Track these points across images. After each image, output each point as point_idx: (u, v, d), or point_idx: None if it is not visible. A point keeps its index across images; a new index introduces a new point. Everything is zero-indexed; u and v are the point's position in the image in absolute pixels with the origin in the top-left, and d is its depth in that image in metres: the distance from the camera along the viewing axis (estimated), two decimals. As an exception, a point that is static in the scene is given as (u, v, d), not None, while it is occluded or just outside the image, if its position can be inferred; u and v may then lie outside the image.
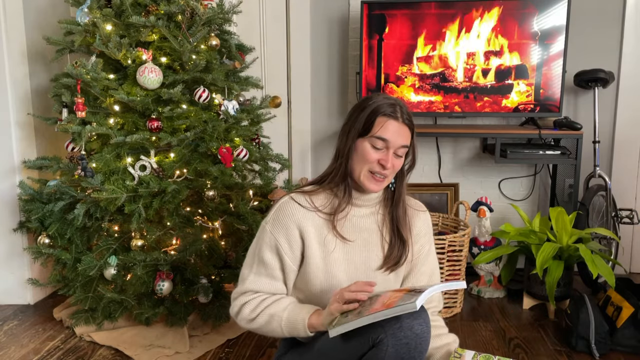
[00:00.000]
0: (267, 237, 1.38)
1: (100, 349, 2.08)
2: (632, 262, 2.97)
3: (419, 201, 1.53)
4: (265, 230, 1.39)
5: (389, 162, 1.32)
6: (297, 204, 1.37)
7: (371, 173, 1.34)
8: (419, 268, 1.47)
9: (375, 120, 1.32)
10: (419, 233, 1.48)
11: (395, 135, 1.32)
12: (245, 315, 1.36)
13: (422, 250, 1.47)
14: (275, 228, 1.37)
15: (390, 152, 1.33)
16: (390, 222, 1.43)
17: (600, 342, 2.02)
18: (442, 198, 2.98)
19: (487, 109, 2.78)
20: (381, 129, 1.31)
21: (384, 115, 1.32)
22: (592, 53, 2.85)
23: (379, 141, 1.31)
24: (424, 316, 1.20)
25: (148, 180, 2.02)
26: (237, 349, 2.09)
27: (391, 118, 1.32)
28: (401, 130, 1.33)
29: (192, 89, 2.15)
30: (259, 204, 2.35)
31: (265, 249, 1.38)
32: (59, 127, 2.13)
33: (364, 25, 2.75)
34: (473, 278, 2.73)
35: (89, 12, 2.09)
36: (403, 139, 1.33)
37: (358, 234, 1.40)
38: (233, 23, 2.32)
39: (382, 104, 1.33)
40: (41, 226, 2.18)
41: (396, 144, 1.32)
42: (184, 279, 2.15)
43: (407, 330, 1.16)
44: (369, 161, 1.32)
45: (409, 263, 1.45)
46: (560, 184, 2.88)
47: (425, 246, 1.49)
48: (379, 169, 1.33)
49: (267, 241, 1.38)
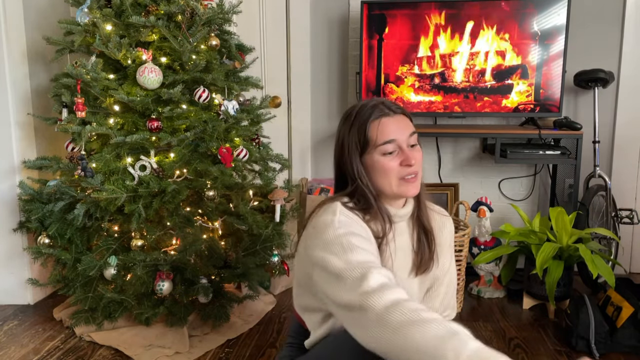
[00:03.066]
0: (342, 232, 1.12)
1: (100, 349, 2.08)
2: (632, 262, 2.97)
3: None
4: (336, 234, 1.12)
5: (411, 158, 1.20)
6: (352, 215, 1.21)
7: (401, 179, 1.22)
8: (441, 281, 1.42)
9: (368, 128, 1.21)
10: (445, 246, 1.41)
11: (398, 130, 1.22)
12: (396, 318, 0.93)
13: (446, 263, 1.43)
14: (349, 229, 1.15)
15: (404, 148, 1.22)
16: (418, 227, 1.35)
17: (600, 342, 2.02)
18: (442, 198, 2.98)
19: (487, 109, 2.78)
20: (379, 134, 1.21)
21: (373, 119, 1.21)
22: (592, 53, 2.85)
23: (388, 145, 1.21)
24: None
25: (148, 180, 2.02)
26: (237, 349, 2.09)
27: (382, 116, 1.22)
28: (399, 121, 1.23)
29: (192, 89, 2.15)
30: (259, 204, 2.35)
31: (352, 239, 1.11)
32: (59, 127, 2.13)
33: (364, 25, 2.75)
34: (473, 278, 2.73)
35: (89, 12, 2.09)
36: (406, 128, 1.23)
37: (397, 254, 1.31)
38: (233, 23, 2.32)
39: (365, 111, 1.23)
40: (41, 226, 2.18)
41: (404, 137, 1.22)
42: (184, 279, 2.15)
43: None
44: (392, 170, 1.21)
45: (434, 275, 1.39)
46: (560, 184, 2.88)
47: (448, 258, 1.43)
48: (407, 170, 1.22)
49: (346, 234, 1.12)
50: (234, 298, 2.26)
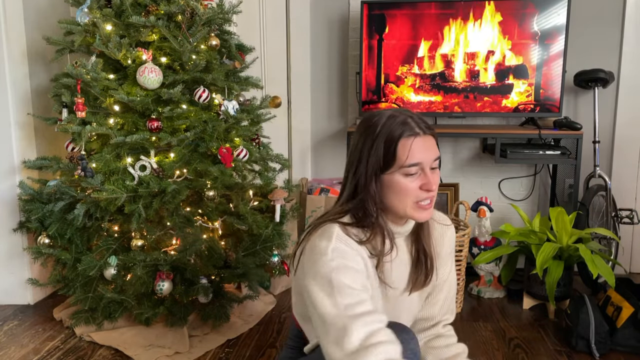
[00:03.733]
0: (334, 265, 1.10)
1: (100, 349, 2.08)
2: (632, 262, 2.97)
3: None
4: (328, 268, 1.10)
5: (432, 184, 1.15)
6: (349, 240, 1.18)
7: (417, 203, 1.17)
8: (440, 287, 1.41)
9: (397, 147, 1.14)
10: (446, 256, 1.39)
11: (426, 153, 1.15)
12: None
13: (446, 272, 1.41)
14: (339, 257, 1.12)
15: (427, 171, 1.16)
16: (416, 242, 1.31)
17: (600, 342, 2.02)
18: (442, 198, 2.98)
19: (487, 109, 2.77)
20: (409, 155, 1.14)
21: (404, 138, 1.14)
22: (592, 53, 2.85)
23: (413, 168, 1.14)
24: (411, 346, 1.09)
25: (148, 180, 2.02)
26: (237, 349, 2.09)
27: (412, 136, 1.15)
28: (427, 143, 1.16)
29: (192, 89, 2.15)
30: (259, 204, 2.35)
31: (342, 277, 1.09)
32: (59, 127, 2.13)
33: (364, 25, 2.75)
34: (473, 278, 2.73)
35: (89, 12, 2.09)
36: (433, 151, 1.17)
37: (396, 268, 1.29)
38: (233, 23, 2.32)
39: (394, 126, 1.15)
40: (41, 226, 2.18)
41: (429, 160, 1.16)
42: (184, 279, 2.15)
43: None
44: (411, 193, 1.16)
45: (432, 284, 1.38)
46: (560, 184, 2.88)
47: (448, 266, 1.41)
48: (425, 195, 1.16)
49: (338, 268, 1.10)
50: (234, 298, 2.26)
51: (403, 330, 1.14)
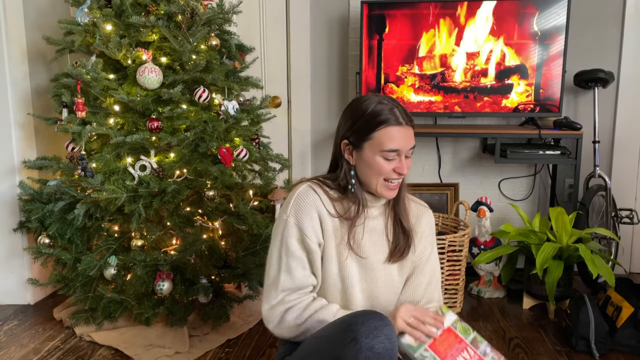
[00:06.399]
0: (292, 230, 1.33)
1: (100, 349, 2.08)
2: (632, 262, 2.97)
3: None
4: (288, 224, 1.33)
5: (404, 169, 1.33)
6: (317, 195, 1.36)
7: (386, 182, 1.34)
8: (420, 269, 1.47)
9: (380, 131, 1.30)
10: (422, 233, 1.48)
11: (405, 142, 1.32)
12: (289, 322, 1.30)
13: (425, 252, 1.48)
14: (298, 219, 1.33)
15: (402, 158, 1.33)
16: (393, 216, 1.43)
17: (600, 342, 2.02)
18: (442, 198, 2.98)
19: (487, 109, 2.78)
20: (390, 141, 1.30)
21: (387, 126, 1.30)
22: (592, 53, 2.85)
23: (391, 153, 1.31)
24: (386, 332, 1.13)
25: (148, 180, 2.02)
26: (237, 349, 2.09)
27: (395, 125, 1.30)
28: (408, 133, 1.33)
29: (192, 89, 2.16)
30: (259, 204, 2.35)
31: (292, 240, 1.33)
32: (59, 127, 2.13)
33: (364, 25, 2.75)
34: (473, 278, 2.73)
35: (89, 12, 2.09)
36: (411, 140, 1.34)
37: (369, 237, 1.40)
38: (233, 23, 2.32)
39: (382, 112, 1.31)
40: (41, 226, 2.18)
41: (406, 148, 1.33)
42: (184, 279, 2.15)
43: (367, 351, 1.09)
44: (384, 173, 1.32)
45: (412, 262, 1.45)
46: (560, 184, 2.88)
47: (428, 248, 1.49)
48: (396, 176, 1.34)
49: (291, 233, 1.33)
50: (234, 298, 2.26)
51: (377, 317, 1.15)
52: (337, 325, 1.19)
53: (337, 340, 1.13)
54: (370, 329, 1.11)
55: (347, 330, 1.12)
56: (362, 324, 1.12)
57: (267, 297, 1.34)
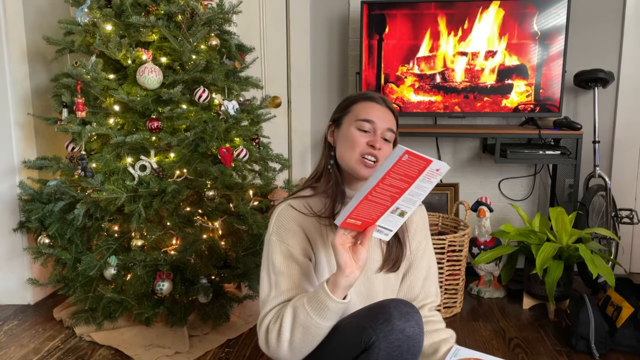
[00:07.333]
0: (276, 246, 1.33)
1: (100, 349, 2.08)
2: (632, 262, 2.97)
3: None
4: (272, 242, 1.34)
5: (377, 142, 1.31)
6: (296, 210, 1.36)
7: (362, 158, 1.32)
8: (417, 264, 1.47)
9: (358, 105, 1.36)
10: (416, 228, 1.48)
11: (380, 117, 1.33)
12: (273, 334, 1.29)
13: (420, 247, 1.48)
14: (281, 235, 1.34)
15: (378, 134, 1.32)
16: None
17: (600, 342, 2.02)
18: (442, 198, 2.98)
19: (487, 109, 2.78)
20: (365, 112, 1.33)
21: (364, 100, 1.36)
22: (592, 53, 2.85)
23: (365, 123, 1.32)
24: (416, 318, 1.18)
25: (148, 180, 2.02)
26: (237, 349, 2.09)
27: (372, 101, 1.35)
28: (385, 114, 1.35)
29: (192, 89, 2.15)
30: (259, 204, 2.35)
31: (279, 259, 1.32)
32: (59, 127, 2.13)
33: (364, 25, 2.75)
34: (473, 278, 2.73)
35: (89, 12, 2.09)
36: (389, 122, 1.35)
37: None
38: (233, 23, 2.32)
39: (360, 95, 1.38)
40: (41, 226, 2.18)
41: (382, 126, 1.33)
42: (184, 279, 2.15)
43: (398, 332, 1.15)
44: (358, 144, 1.32)
45: (408, 259, 1.46)
46: (560, 184, 2.88)
47: (423, 242, 1.49)
48: (369, 150, 1.31)
49: (277, 251, 1.33)
50: (234, 298, 2.26)
51: (408, 304, 1.20)
52: (366, 309, 1.23)
53: (367, 322, 1.17)
54: (402, 313, 1.16)
55: (380, 313, 1.17)
56: (395, 307, 1.17)
57: (260, 311, 1.35)
